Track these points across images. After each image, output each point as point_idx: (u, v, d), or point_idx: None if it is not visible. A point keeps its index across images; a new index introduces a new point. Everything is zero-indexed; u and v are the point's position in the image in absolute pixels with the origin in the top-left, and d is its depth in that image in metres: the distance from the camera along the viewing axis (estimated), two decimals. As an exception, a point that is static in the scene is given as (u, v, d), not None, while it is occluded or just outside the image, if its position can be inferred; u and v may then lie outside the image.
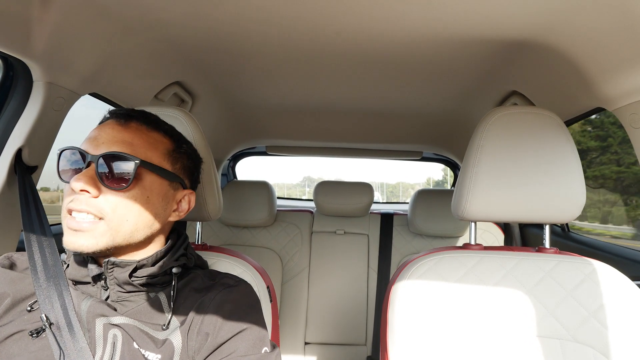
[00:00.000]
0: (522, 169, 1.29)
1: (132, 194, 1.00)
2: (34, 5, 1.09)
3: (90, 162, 0.97)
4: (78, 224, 0.95)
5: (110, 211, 0.97)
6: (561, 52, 1.37)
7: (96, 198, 0.96)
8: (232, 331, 0.98)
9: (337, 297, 2.91)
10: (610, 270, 1.30)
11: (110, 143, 1.00)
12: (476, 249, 1.39)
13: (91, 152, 0.98)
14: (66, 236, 0.96)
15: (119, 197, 0.98)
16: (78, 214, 0.95)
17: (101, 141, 1.00)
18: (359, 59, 1.63)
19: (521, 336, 1.24)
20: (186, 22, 1.37)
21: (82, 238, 0.95)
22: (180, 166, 1.12)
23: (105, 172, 0.97)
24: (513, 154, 1.30)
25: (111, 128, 1.03)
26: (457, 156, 3.12)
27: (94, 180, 0.96)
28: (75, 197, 0.95)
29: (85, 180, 0.94)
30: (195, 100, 2.13)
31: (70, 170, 0.99)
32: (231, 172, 3.85)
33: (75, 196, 0.96)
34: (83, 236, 0.95)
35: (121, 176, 0.99)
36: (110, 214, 0.97)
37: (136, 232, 1.02)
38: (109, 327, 0.96)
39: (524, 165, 1.29)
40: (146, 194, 1.03)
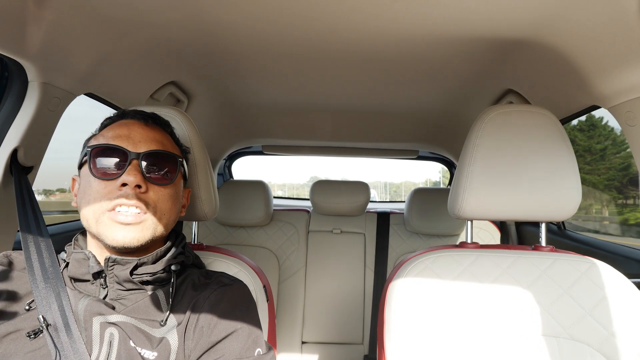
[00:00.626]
0: (518, 167, 1.29)
1: (170, 190, 1.07)
2: (29, 6, 1.09)
3: (133, 159, 1.01)
4: (127, 217, 0.98)
5: (154, 206, 1.03)
6: (557, 50, 1.37)
7: (144, 193, 1.01)
8: (225, 331, 0.99)
9: (334, 296, 2.91)
10: (606, 268, 1.30)
11: (147, 142, 1.05)
12: (472, 248, 1.39)
13: (132, 149, 1.02)
14: (113, 230, 0.98)
15: (161, 193, 1.05)
16: (127, 208, 0.99)
17: (137, 139, 1.04)
18: (354, 57, 1.63)
19: (517, 334, 1.24)
20: (181, 22, 1.36)
21: (133, 231, 0.99)
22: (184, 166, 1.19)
23: (152, 168, 1.03)
24: (509, 152, 1.30)
25: (140, 127, 1.07)
26: (453, 155, 3.13)
27: (142, 176, 1.01)
28: (124, 192, 0.99)
29: (139, 176, 0.99)
30: (191, 99, 2.13)
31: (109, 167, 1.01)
32: (227, 172, 3.85)
33: (124, 191, 0.99)
34: (134, 229, 0.99)
35: (165, 173, 1.06)
36: (154, 208, 1.03)
37: (169, 226, 1.09)
38: (105, 326, 0.96)
39: (519, 163, 1.30)
40: (177, 190, 1.10)
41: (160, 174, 1.05)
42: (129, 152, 1.01)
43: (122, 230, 0.98)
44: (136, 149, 1.02)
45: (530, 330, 1.25)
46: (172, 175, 1.08)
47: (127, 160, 1.00)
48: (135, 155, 1.01)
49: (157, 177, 1.04)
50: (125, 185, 0.98)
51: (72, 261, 1.03)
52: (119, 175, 0.99)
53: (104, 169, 1.01)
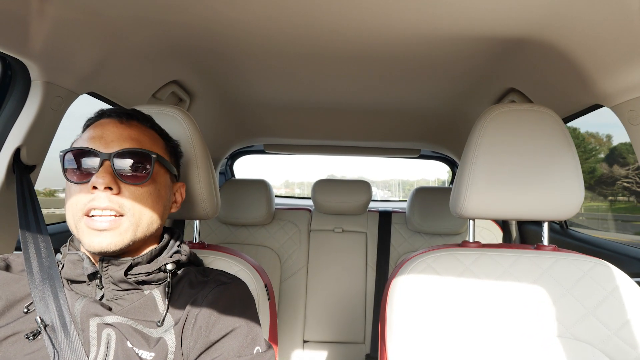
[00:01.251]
0: (520, 166, 1.29)
1: (148, 188, 1.04)
2: (32, 5, 1.09)
3: (104, 160, 0.99)
4: (101, 223, 0.97)
5: (130, 207, 1.00)
6: (559, 49, 1.37)
7: (117, 195, 0.99)
8: (224, 329, 0.99)
9: (335, 295, 2.91)
10: (609, 267, 1.30)
11: (120, 140, 1.02)
12: (474, 247, 1.39)
13: (103, 150, 1.00)
14: (89, 237, 0.97)
15: (137, 192, 1.02)
16: (101, 211, 0.97)
17: (109, 139, 1.02)
18: (356, 56, 1.62)
19: (519, 333, 1.24)
20: (184, 20, 1.36)
21: (109, 237, 0.97)
22: (173, 160, 1.17)
23: (124, 168, 1.00)
24: (511, 151, 1.30)
25: (114, 126, 1.05)
26: (455, 154, 3.12)
27: (113, 177, 0.98)
28: (96, 196, 0.97)
29: (108, 178, 0.96)
30: (193, 98, 2.13)
31: (81, 170, 1.00)
32: (229, 171, 3.85)
33: (95, 194, 0.97)
34: (109, 235, 0.97)
35: (139, 171, 1.02)
36: (131, 209, 1.00)
37: (152, 225, 1.06)
38: (102, 327, 0.96)
39: (522, 162, 1.29)
40: (158, 188, 1.07)
41: (133, 173, 1.02)
42: (99, 153, 0.99)
43: (98, 236, 0.97)
44: (107, 149, 1.00)
45: (532, 329, 1.25)
46: (147, 174, 1.04)
47: (98, 161, 0.99)
48: (106, 156, 0.99)
49: (130, 177, 1.01)
50: (96, 188, 0.97)
51: (67, 262, 1.03)
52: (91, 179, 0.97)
53: (76, 173, 1.00)
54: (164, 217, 1.12)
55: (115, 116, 1.07)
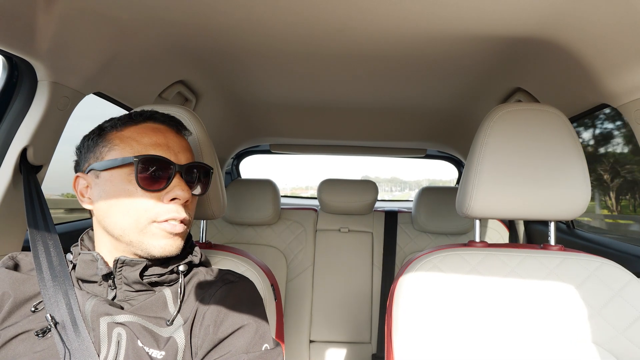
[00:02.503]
0: (527, 166, 1.29)
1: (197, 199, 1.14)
2: (38, 5, 1.09)
3: (177, 171, 1.03)
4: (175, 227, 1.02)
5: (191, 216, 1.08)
6: (565, 48, 1.36)
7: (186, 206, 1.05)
8: (232, 327, 0.99)
9: (341, 295, 2.91)
10: (615, 267, 1.29)
11: (184, 152, 1.09)
12: (480, 247, 1.39)
13: (174, 161, 1.04)
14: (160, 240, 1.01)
15: (194, 203, 1.11)
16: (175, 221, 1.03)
17: (176, 150, 1.07)
18: (362, 56, 1.62)
19: (525, 333, 1.24)
20: (189, 21, 1.37)
21: (178, 240, 1.04)
22: None
23: (192, 180, 1.08)
24: (517, 150, 1.30)
25: (174, 136, 1.10)
26: (461, 153, 3.12)
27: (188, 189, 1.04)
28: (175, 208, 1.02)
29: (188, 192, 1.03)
30: (199, 98, 2.13)
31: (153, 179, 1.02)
32: (235, 171, 3.86)
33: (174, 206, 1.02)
34: (179, 239, 1.04)
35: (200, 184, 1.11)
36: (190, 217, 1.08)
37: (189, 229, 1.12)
38: (113, 326, 0.96)
39: (528, 162, 1.29)
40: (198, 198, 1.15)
41: (198, 185, 1.11)
42: (173, 165, 1.03)
43: (170, 239, 1.02)
44: (178, 161, 1.05)
45: (539, 329, 1.24)
46: (206, 187, 1.14)
47: (171, 172, 1.02)
48: (179, 168, 1.03)
49: (196, 189, 1.10)
50: (175, 199, 1.02)
51: (79, 262, 1.04)
52: (165, 187, 1.01)
53: (150, 180, 1.01)
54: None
55: (172, 125, 1.11)
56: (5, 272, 1.05)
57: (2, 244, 1.29)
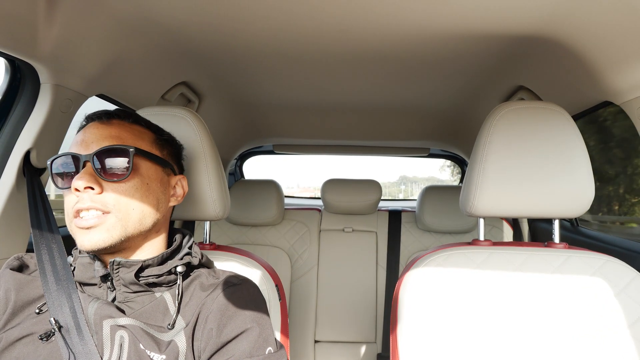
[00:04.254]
0: (530, 164, 1.29)
1: (132, 184, 1.03)
2: (40, 8, 1.09)
3: (85, 161, 0.99)
4: (87, 221, 0.96)
5: (115, 203, 1.00)
6: (568, 46, 1.36)
7: (100, 194, 0.98)
8: (235, 330, 0.98)
9: (346, 295, 2.91)
10: (620, 264, 1.29)
11: (100, 140, 1.02)
12: (485, 245, 1.38)
13: (83, 153, 1.00)
14: (79, 236, 0.98)
15: (121, 189, 1.01)
16: (86, 212, 0.97)
17: (90, 141, 1.02)
18: (365, 56, 1.62)
19: (530, 331, 1.24)
20: (192, 22, 1.37)
21: (97, 233, 0.97)
22: (167, 152, 1.16)
23: (104, 167, 1.00)
24: (521, 149, 1.29)
25: (95, 128, 1.05)
26: (465, 152, 3.12)
27: (94, 177, 0.98)
28: (79, 198, 0.97)
29: (87, 178, 0.97)
30: (202, 100, 2.14)
31: (66, 175, 1.01)
32: (238, 171, 3.86)
33: (80, 196, 0.97)
34: (96, 232, 0.97)
35: (119, 168, 1.01)
36: (116, 205, 1.00)
37: (144, 219, 1.05)
38: (115, 329, 0.96)
39: (531, 160, 1.29)
40: (145, 181, 1.06)
41: (114, 169, 1.01)
42: (80, 156, 1.00)
43: (86, 234, 0.97)
44: (87, 151, 1.01)
45: (543, 327, 1.24)
46: (127, 168, 1.02)
47: (79, 164, 0.99)
48: (86, 157, 0.99)
49: (111, 174, 1.00)
50: (78, 190, 0.97)
51: (78, 265, 1.04)
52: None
53: (62, 179, 1.01)
54: (161, 211, 1.10)
55: (97, 119, 1.07)
56: (10, 273, 1.05)
57: (6, 247, 1.29)
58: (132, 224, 1.02)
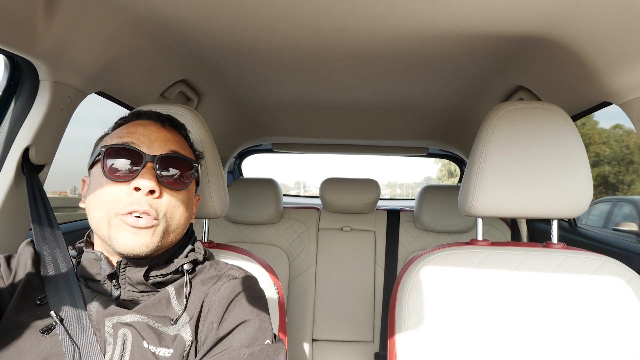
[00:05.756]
0: (529, 164, 1.29)
1: (182, 196, 1.03)
2: (40, 5, 1.09)
3: (148, 161, 0.98)
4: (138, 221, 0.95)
5: (166, 212, 0.99)
6: (567, 47, 1.36)
7: (157, 199, 0.98)
8: (235, 322, 0.98)
9: (344, 294, 2.91)
10: (617, 265, 1.29)
11: (163, 143, 1.02)
12: (483, 245, 1.39)
13: (146, 151, 0.99)
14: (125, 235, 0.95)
15: (173, 199, 1.01)
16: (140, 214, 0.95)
17: (153, 139, 1.01)
18: (364, 55, 1.62)
19: (529, 331, 1.24)
20: (191, 20, 1.37)
21: (144, 236, 0.96)
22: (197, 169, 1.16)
23: (166, 172, 1.00)
24: (519, 149, 1.30)
25: (156, 127, 1.04)
26: (463, 152, 3.12)
27: (157, 180, 0.97)
28: (137, 198, 0.96)
29: (154, 181, 0.96)
30: (201, 98, 2.14)
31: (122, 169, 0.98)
32: (237, 170, 3.86)
33: (137, 196, 0.96)
34: (145, 234, 0.96)
35: (180, 178, 1.02)
36: (166, 215, 1.00)
37: (178, 233, 1.05)
38: (118, 327, 0.95)
39: (530, 160, 1.29)
40: (188, 196, 1.07)
41: (174, 178, 1.01)
42: (144, 154, 0.97)
43: (134, 234, 0.95)
44: (152, 151, 0.99)
45: (541, 327, 1.24)
46: (187, 181, 1.04)
47: (142, 162, 0.97)
48: (151, 158, 0.97)
49: (172, 182, 1.00)
50: (139, 189, 0.95)
51: (83, 261, 1.03)
52: (133, 178, 0.96)
53: (117, 171, 0.97)
54: (187, 226, 1.11)
55: (157, 119, 1.07)
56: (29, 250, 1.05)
57: (5, 244, 1.29)
58: (169, 235, 1.02)
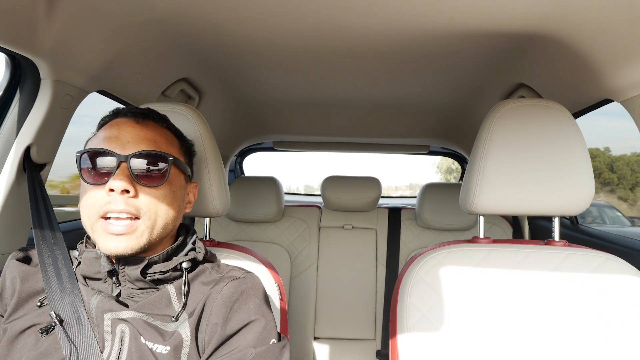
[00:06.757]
0: (530, 161, 1.29)
1: (164, 191, 1.04)
2: (41, 3, 1.09)
3: (121, 161, 0.98)
4: (117, 227, 0.96)
5: (146, 209, 1.00)
6: (569, 44, 1.36)
7: (133, 198, 0.98)
8: (239, 323, 0.99)
9: (345, 292, 2.91)
10: (619, 262, 1.29)
11: (137, 141, 1.02)
12: (484, 243, 1.38)
13: (119, 152, 0.99)
14: (105, 241, 0.97)
15: (153, 194, 1.02)
16: (117, 214, 0.97)
17: (126, 140, 1.01)
18: (365, 53, 1.62)
19: (530, 328, 1.24)
20: (192, 18, 1.37)
21: (125, 241, 0.97)
22: (187, 160, 1.17)
23: (140, 170, 1.00)
24: (521, 146, 1.29)
25: (130, 126, 1.04)
26: (465, 150, 3.11)
27: (130, 179, 0.98)
28: (112, 199, 0.97)
29: (125, 180, 0.96)
30: (202, 96, 2.14)
31: (97, 171, 0.99)
32: (238, 168, 3.86)
33: (112, 197, 0.97)
34: (125, 239, 0.97)
35: (155, 173, 1.02)
36: (147, 212, 1.00)
37: (167, 226, 1.06)
38: (117, 322, 0.96)
39: (532, 157, 1.29)
40: (173, 189, 1.07)
41: (150, 175, 1.01)
42: (116, 155, 0.98)
43: (114, 240, 0.96)
44: (124, 151, 0.99)
45: (543, 324, 1.24)
46: (164, 176, 1.03)
47: (115, 163, 0.98)
48: (123, 158, 0.98)
49: (147, 179, 1.00)
50: (113, 190, 0.96)
51: (84, 259, 1.04)
52: (108, 180, 0.97)
53: (93, 174, 0.99)
54: (179, 218, 1.12)
55: (132, 116, 1.06)
56: (16, 263, 1.06)
57: (6, 242, 1.30)
58: (157, 230, 1.03)
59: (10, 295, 1.02)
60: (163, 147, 1.06)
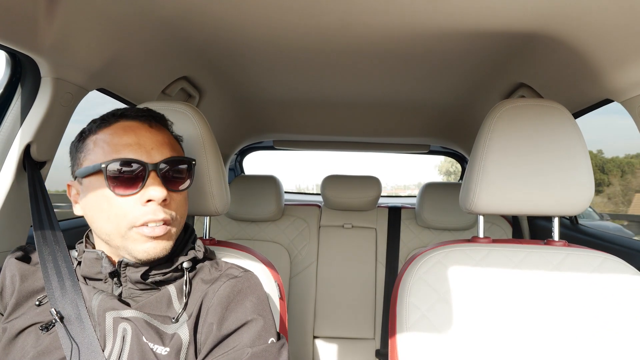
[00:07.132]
0: (530, 161, 1.29)
1: (184, 194, 1.08)
2: (41, 1, 1.09)
3: (151, 170, 0.99)
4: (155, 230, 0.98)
5: (177, 214, 1.03)
6: (569, 44, 1.36)
7: (167, 205, 1.01)
8: (237, 322, 0.98)
9: (345, 292, 2.91)
10: (619, 262, 1.29)
11: (158, 147, 1.03)
12: (484, 242, 1.39)
13: (146, 160, 0.99)
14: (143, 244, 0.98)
15: (179, 199, 1.05)
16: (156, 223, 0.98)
17: (149, 147, 1.01)
18: (365, 52, 1.62)
19: (530, 328, 1.24)
20: (193, 16, 1.37)
21: (163, 243, 1.00)
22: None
23: (169, 177, 1.02)
24: (521, 146, 1.29)
25: (147, 131, 1.04)
26: (465, 149, 3.11)
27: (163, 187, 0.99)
28: (151, 209, 0.98)
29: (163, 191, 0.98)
30: (202, 95, 2.13)
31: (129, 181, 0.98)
32: (238, 167, 3.86)
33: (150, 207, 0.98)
34: (163, 242, 1.00)
35: (179, 178, 1.05)
36: (176, 216, 1.03)
37: (181, 228, 1.09)
38: (118, 321, 0.96)
39: (532, 157, 1.29)
40: (188, 192, 1.10)
41: (177, 181, 1.05)
42: (145, 165, 0.98)
43: (152, 242, 0.98)
44: (151, 159, 0.99)
45: (542, 324, 1.24)
46: (188, 179, 1.08)
47: (146, 172, 0.98)
48: (153, 167, 0.98)
49: (174, 184, 1.03)
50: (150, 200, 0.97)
51: (84, 260, 1.03)
52: (140, 190, 0.97)
53: (123, 184, 0.97)
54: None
55: (144, 120, 1.06)
56: (15, 262, 1.06)
57: (6, 240, 1.30)
58: (178, 232, 1.06)
59: (10, 294, 1.02)
60: (178, 150, 1.09)
